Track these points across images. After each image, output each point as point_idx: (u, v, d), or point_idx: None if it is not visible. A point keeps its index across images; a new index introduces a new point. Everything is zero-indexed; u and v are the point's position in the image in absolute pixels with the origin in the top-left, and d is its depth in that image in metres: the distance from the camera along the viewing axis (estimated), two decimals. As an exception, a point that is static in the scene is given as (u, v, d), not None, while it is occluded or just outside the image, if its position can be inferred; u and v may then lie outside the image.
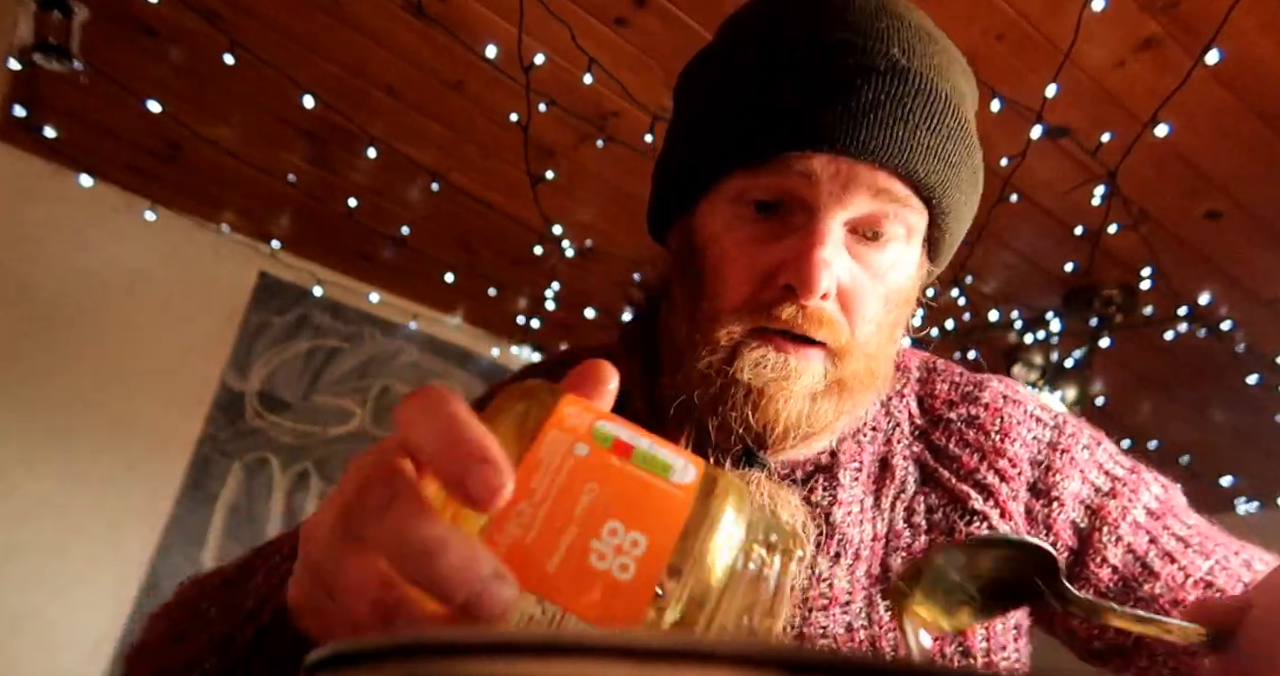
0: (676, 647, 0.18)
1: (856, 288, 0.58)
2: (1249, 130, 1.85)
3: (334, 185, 2.51)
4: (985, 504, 0.64)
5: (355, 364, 3.07)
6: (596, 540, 0.29)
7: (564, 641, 0.19)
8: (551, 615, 0.29)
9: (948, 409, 0.69)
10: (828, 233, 0.56)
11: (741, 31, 0.64)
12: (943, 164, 0.58)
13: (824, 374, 0.58)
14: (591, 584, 0.29)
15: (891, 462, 0.66)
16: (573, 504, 0.30)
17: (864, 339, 0.59)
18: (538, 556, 0.29)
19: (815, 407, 0.58)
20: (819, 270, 0.55)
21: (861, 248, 0.59)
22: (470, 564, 0.28)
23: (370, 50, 1.97)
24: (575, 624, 0.29)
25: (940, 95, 0.58)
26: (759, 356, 0.57)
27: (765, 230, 0.59)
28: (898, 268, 0.60)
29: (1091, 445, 0.68)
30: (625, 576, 0.29)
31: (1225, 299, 2.43)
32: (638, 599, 0.29)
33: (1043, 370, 2.64)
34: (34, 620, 2.45)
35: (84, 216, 2.66)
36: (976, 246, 2.22)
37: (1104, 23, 1.63)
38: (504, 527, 0.30)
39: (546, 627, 0.29)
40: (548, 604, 0.29)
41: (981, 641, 0.60)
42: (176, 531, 2.68)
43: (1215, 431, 3.13)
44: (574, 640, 0.19)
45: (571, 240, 2.58)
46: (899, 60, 0.57)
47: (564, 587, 0.29)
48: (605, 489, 0.30)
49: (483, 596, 0.27)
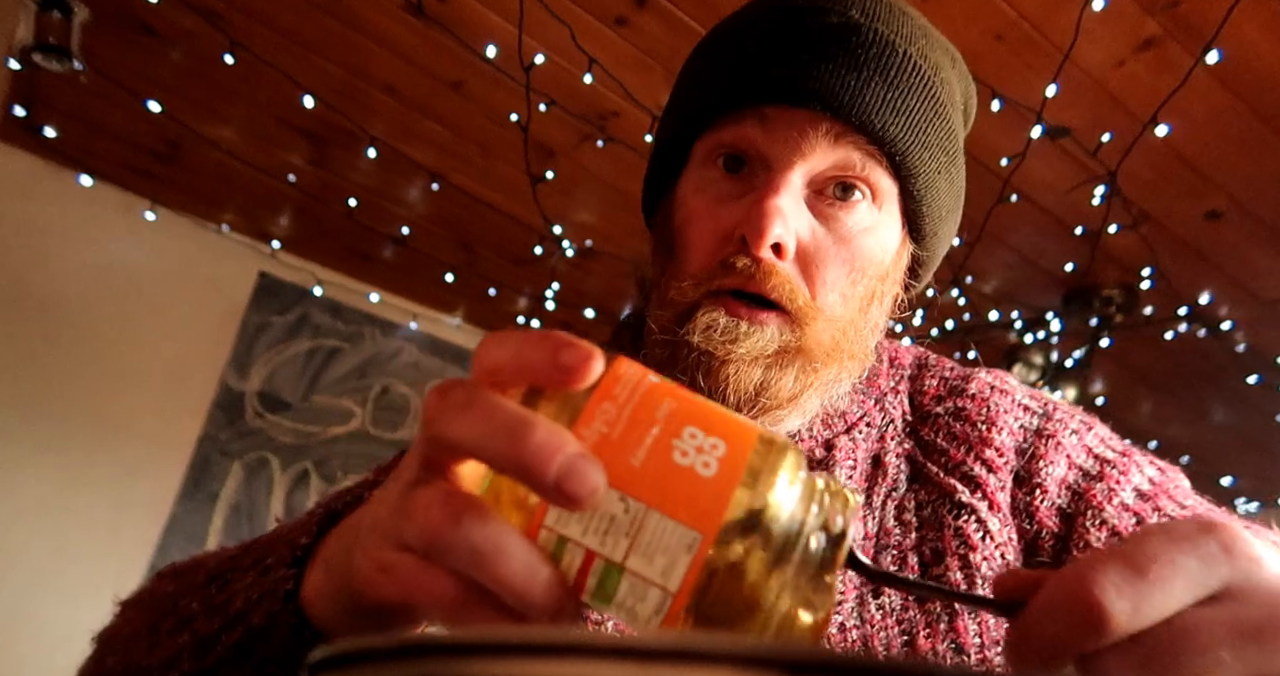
0: (677, 648, 0.18)
1: (817, 249, 0.58)
2: (1249, 130, 1.85)
3: (334, 185, 2.51)
4: (973, 496, 0.63)
5: (355, 364, 3.07)
6: (678, 440, 0.30)
7: (564, 641, 0.19)
8: (634, 514, 0.29)
9: (935, 403, 0.68)
10: (785, 182, 0.56)
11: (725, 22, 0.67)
12: (901, 118, 0.57)
13: (778, 338, 0.58)
14: (675, 478, 0.30)
15: (884, 460, 0.65)
16: (654, 409, 0.31)
17: (826, 305, 0.59)
18: (623, 453, 0.30)
19: (771, 376, 0.58)
20: (770, 217, 0.55)
21: (827, 207, 0.59)
22: (558, 440, 0.29)
23: (370, 50, 1.97)
24: (657, 523, 0.29)
25: (897, 51, 0.58)
26: (710, 319, 0.57)
27: (730, 189, 0.59)
28: (868, 233, 0.59)
29: (1081, 430, 0.67)
30: (708, 472, 0.30)
31: (1225, 299, 2.43)
32: (720, 495, 0.29)
33: (1043, 370, 2.64)
34: (34, 620, 2.45)
35: (84, 216, 2.66)
36: (976, 246, 2.22)
37: (1104, 23, 1.63)
38: (589, 425, 0.30)
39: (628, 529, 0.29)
40: (631, 500, 0.29)
41: (975, 637, 0.60)
42: (176, 531, 2.68)
43: (1215, 431, 3.13)
44: (574, 640, 0.19)
45: (571, 240, 2.58)
46: (855, 18, 0.58)
47: (649, 481, 0.30)
48: (681, 404, 0.32)
49: (573, 472, 0.28)
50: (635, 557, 0.29)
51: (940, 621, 0.60)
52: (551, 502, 0.30)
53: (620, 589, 0.30)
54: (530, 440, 0.29)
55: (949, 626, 0.60)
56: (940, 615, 0.60)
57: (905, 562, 0.62)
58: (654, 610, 0.30)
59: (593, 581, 0.30)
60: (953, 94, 0.63)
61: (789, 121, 0.56)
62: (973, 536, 0.61)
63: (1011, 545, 0.62)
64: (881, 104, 0.57)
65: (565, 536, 0.30)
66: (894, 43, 0.58)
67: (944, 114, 0.61)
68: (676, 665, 0.18)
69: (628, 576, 0.30)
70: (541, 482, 0.29)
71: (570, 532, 0.30)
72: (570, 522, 0.30)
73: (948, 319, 2.68)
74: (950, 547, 0.61)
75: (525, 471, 0.29)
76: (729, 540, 0.29)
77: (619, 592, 0.30)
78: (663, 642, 0.18)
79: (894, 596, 0.60)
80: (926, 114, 0.59)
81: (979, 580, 0.60)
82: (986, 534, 0.61)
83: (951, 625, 0.60)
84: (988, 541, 0.61)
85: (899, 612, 0.60)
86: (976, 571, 0.60)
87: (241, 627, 0.45)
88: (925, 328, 2.66)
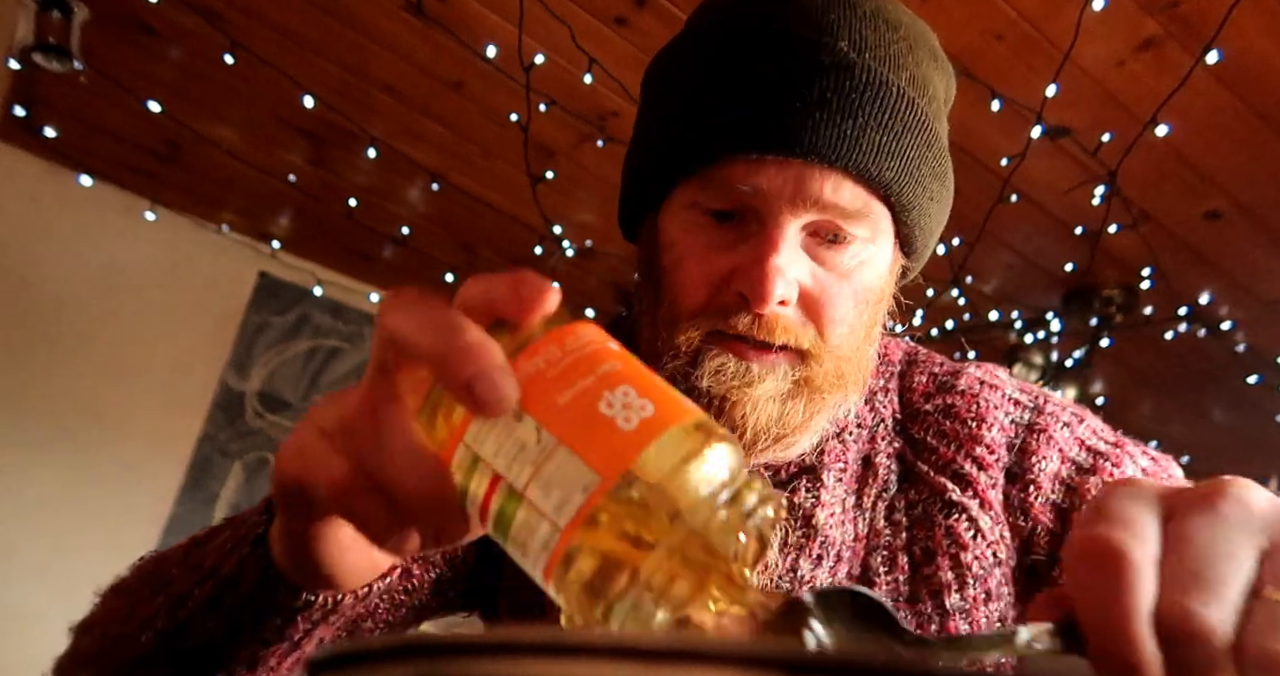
0: (677, 648, 0.18)
1: (821, 290, 0.57)
2: (1249, 130, 1.85)
3: (334, 185, 2.51)
4: (964, 495, 0.62)
5: (355, 364, 3.07)
6: (609, 392, 0.31)
7: (565, 641, 0.19)
8: (545, 445, 0.30)
9: (925, 401, 0.67)
10: (781, 239, 0.54)
11: (698, 26, 0.63)
12: (897, 160, 0.55)
13: (790, 376, 0.57)
14: (594, 423, 0.30)
15: (874, 460, 0.65)
16: (597, 364, 0.32)
17: (835, 341, 0.58)
18: (552, 389, 0.31)
19: (784, 410, 0.57)
20: (771, 280, 0.53)
21: (823, 249, 0.57)
22: (483, 349, 0.30)
23: (370, 50, 1.97)
24: (563, 458, 0.30)
25: (892, 90, 0.55)
26: (718, 364, 0.56)
27: (721, 237, 0.57)
28: (866, 266, 0.58)
29: (1073, 422, 0.66)
30: (627, 426, 0.30)
31: (1225, 299, 2.43)
32: (631, 447, 0.30)
33: (1043, 370, 2.64)
34: (34, 620, 2.45)
35: (84, 216, 2.66)
36: (976, 246, 2.22)
37: (1104, 23, 1.63)
38: (530, 359, 0.32)
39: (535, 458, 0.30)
40: (545, 432, 0.30)
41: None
42: (176, 531, 2.68)
43: (1215, 431, 3.13)
44: (575, 640, 0.19)
45: (571, 240, 2.58)
46: (847, 55, 0.54)
47: (567, 418, 0.30)
48: (628, 369, 0.32)
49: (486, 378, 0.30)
50: (535, 487, 0.30)
51: (932, 622, 0.60)
52: (460, 402, 0.31)
53: (516, 518, 0.30)
54: (457, 340, 0.31)
55: (940, 626, 0.60)
56: (932, 615, 0.60)
57: (896, 563, 0.61)
58: (541, 545, 0.30)
59: (495, 505, 0.31)
60: (939, 106, 0.61)
61: (783, 172, 0.54)
62: (963, 535, 0.61)
63: (1004, 543, 0.62)
64: (878, 151, 0.54)
65: (479, 455, 0.31)
66: (888, 81, 0.55)
67: (936, 143, 0.59)
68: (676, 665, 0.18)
69: (525, 506, 0.30)
70: (456, 380, 0.30)
71: (484, 452, 0.31)
72: (486, 442, 0.31)
73: (948, 319, 2.68)
74: (941, 547, 0.61)
75: (444, 367, 0.30)
76: (626, 496, 0.29)
77: (515, 522, 0.31)
78: (663, 642, 0.18)
79: (885, 597, 0.60)
80: (920, 149, 0.57)
81: (970, 579, 0.60)
82: (977, 532, 0.61)
83: (943, 626, 0.60)
84: (979, 540, 0.61)
85: None
86: (968, 570, 0.60)
87: (213, 580, 0.46)
88: (925, 328, 2.67)
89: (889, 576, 0.61)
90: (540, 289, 0.33)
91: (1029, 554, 0.63)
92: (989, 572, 0.61)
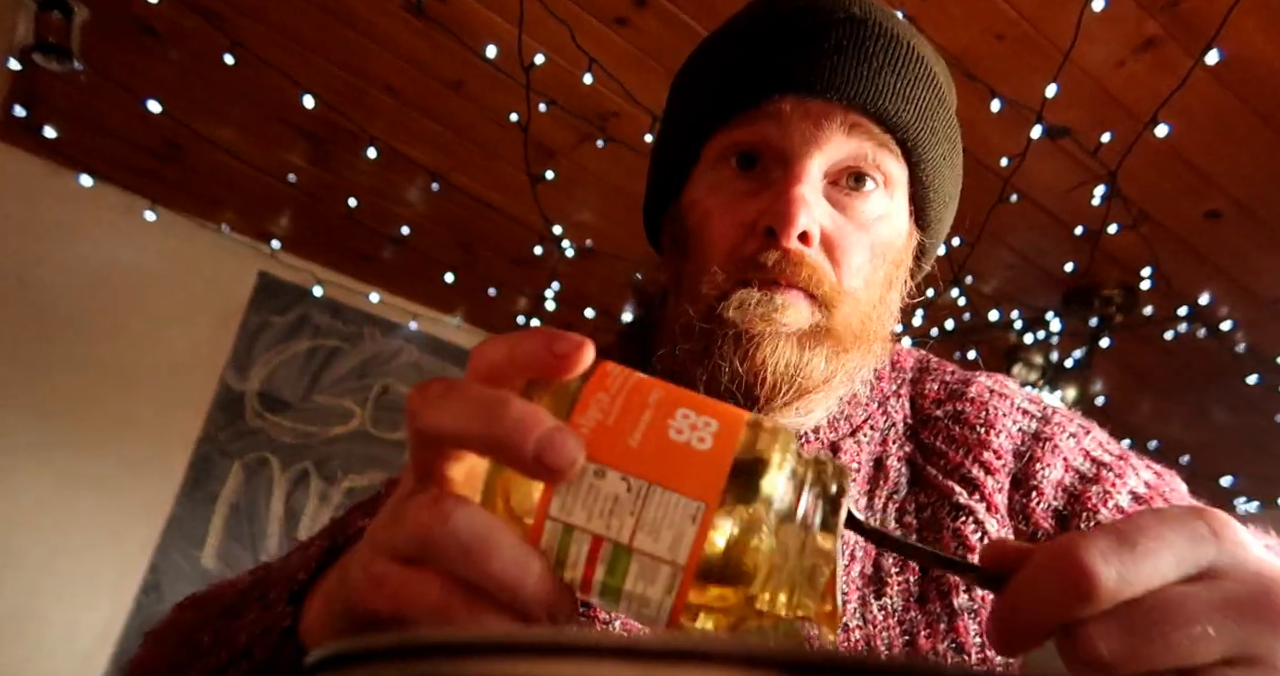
0: (676, 648, 0.18)
1: (840, 235, 0.59)
2: (1249, 130, 1.85)
3: (334, 185, 2.51)
4: (971, 498, 0.63)
5: (355, 364, 3.07)
6: (672, 419, 0.31)
7: (564, 641, 0.19)
8: (637, 491, 0.30)
9: (935, 407, 0.69)
10: (805, 173, 0.57)
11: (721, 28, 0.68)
12: (911, 106, 0.60)
13: (811, 316, 0.59)
14: (673, 453, 0.30)
15: (886, 463, 0.66)
16: (645, 397, 0.32)
17: (851, 290, 0.60)
18: (619, 435, 0.31)
19: (804, 357, 0.58)
20: (797, 206, 0.56)
21: (843, 197, 0.60)
22: (533, 415, 0.30)
23: (370, 50, 1.97)
24: (660, 497, 0.30)
25: (902, 43, 0.60)
26: (743, 296, 0.58)
27: (746, 187, 0.60)
28: (884, 221, 0.61)
29: (1079, 433, 0.68)
30: (704, 446, 0.31)
31: (1225, 299, 2.43)
32: (719, 464, 0.30)
33: (1043, 370, 2.64)
34: (34, 620, 2.45)
35: (84, 216, 2.66)
36: (976, 246, 2.22)
37: (1104, 23, 1.63)
38: (584, 413, 0.31)
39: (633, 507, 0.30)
40: (633, 479, 0.30)
41: (975, 636, 0.60)
42: (176, 531, 2.68)
43: (1215, 431, 3.13)
44: (574, 640, 0.19)
45: (571, 240, 2.58)
46: (856, 13, 0.60)
47: (647, 458, 0.30)
48: (671, 392, 0.33)
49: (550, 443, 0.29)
50: (642, 535, 0.30)
51: (941, 621, 0.60)
52: (533, 477, 0.30)
53: (630, 572, 0.30)
54: (506, 416, 0.30)
55: (949, 626, 0.60)
56: (941, 615, 0.60)
57: (907, 564, 0.63)
58: (665, 590, 0.30)
59: (601, 570, 0.30)
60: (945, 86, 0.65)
61: (804, 113, 0.58)
62: (970, 538, 0.62)
63: None
64: (892, 93, 0.58)
65: (571, 524, 0.30)
66: (898, 35, 0.60)
67: (945, 103, 0.63)
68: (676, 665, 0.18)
69: (636, 557, 0.30)
70: (521, 457, 0.29)
71: (575, 520, 0.30)
72: (575, 510, 0.30)
73: (948, 319, 2.68)
74: (949, 549, 0.62)
75: (504, 447, 0.30)
76: (731, 509, 0.30)
77: (629, 577, 0.30)
78: (663, 642, 0.18)
79: (896, 597, 0.61)
80: (932, 102, 0.61)
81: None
82: (984, 535, 0.62)
83: (952, 625, 0.60)
84: (985, 542, 0.62)
85: (900, 613, 0.61)
86: None
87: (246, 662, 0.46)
88: (925, 328, 2.66)
89: (900, 577, 0.62)
90: (575, 343, 0.32)
91: None
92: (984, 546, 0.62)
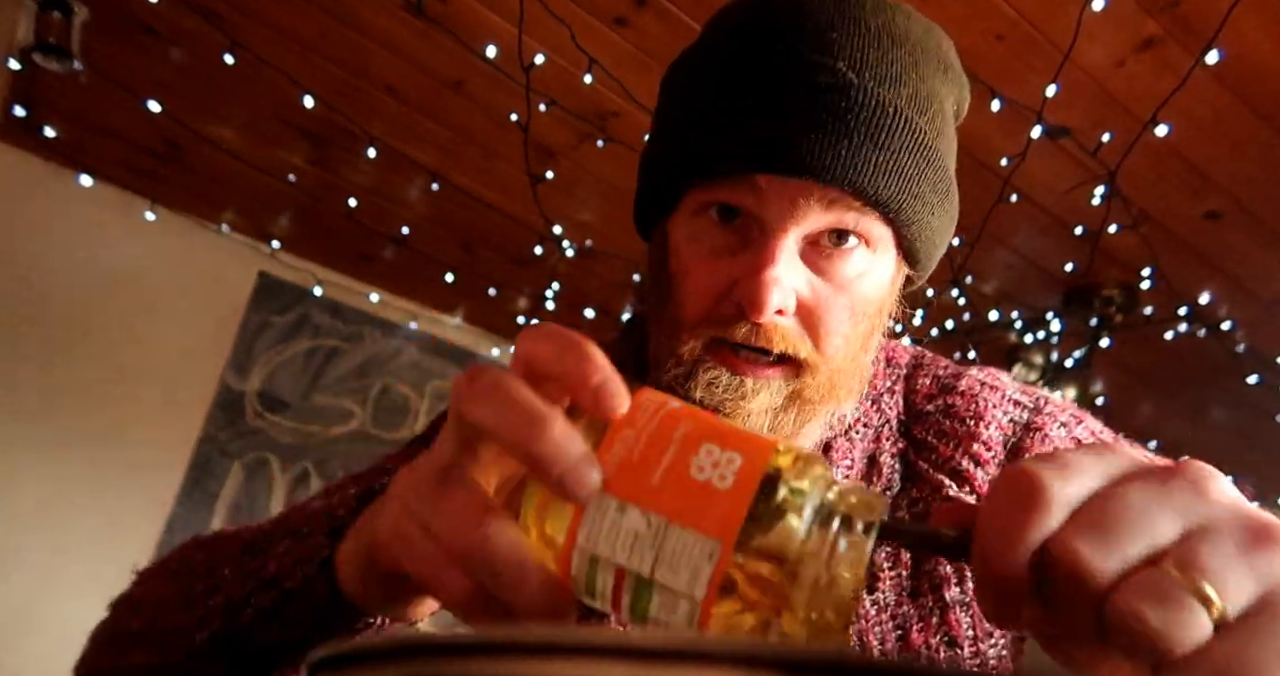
0: (676, 648, 0.18)
1: (819, 301, 0.58)
2: (1249, 130, 1.85)
3: (334, 185, 2.51)
4: (961, 491, 0.63)
5: (355, 364, 3.07)
6: (695, 456, 0.32)
7: (564, 641, 0.19)
8: (656, 528, 0.31)
9: (927, 402, 0.69)
10: (779, 250, 0.55)
11: (712, 37, 0.63)
12: (894, 178, 0.56)
13: (784, 391, 0.58)
14: (693, 492, 0.31)
15: (879, 460, 0.66)
16: (671, 431, 0.33)
17: (831, 352, 0.58)
18: (643, 470, 0.32)
19: (776, 422, 0.58)
20: (767, 290, 0.54)
21: (823, 260, 0.58)
22: (567, 440, 0.32)
23: (370, 50, 1.97)
24: (679, 535, 0.31)
25: (888, 110, 0.56)
26: (712, 377, 0.57)
27: (725, 242, 0.58)
28: (865, 277, 0.59)
29: (1070, 423, 0.67)
30: (724, 485, 0.31)
31: (1225, 299, 2.43)
32: (737, 503, 0.31)
33: (1043, 370, 2.64)
34: (34, 620, 2.45)
35: (84, 216, 2.66)
36: (976, 246, 2.22)
37: (1104, 23, 1.63)
38: (611, 447, 0.33)
39: (653, 543, 0.31)
40: (653, 516, 0.31)
41: (968, 629, 0.61)
42: (176, 531, 2.68)
43: (1215, 431, 3.13)
44: (574, 640, 0.19)
45: (571, 240, 2.58)
46: (845, 75, 0.55)
47: (668, 497, 0.31)
48: (699, 424, 0.33)
49: (575, 471, 0.31)
50: (662, 569, 0.31)
51: (933, 615, 0.61)
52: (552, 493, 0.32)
53: (653, 604, 0.31)
54: (546, 437, 0.32)
55: (941, 620, 0.61)
56: (933, 609, 0.61)
57: (899, 559, 0.63)
58: (686, 620, 0.31)
59: (627, 599, 0.32)
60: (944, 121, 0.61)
61: (781, 190, 0.55)
62: None
63: None
64: (874, 169, 0.55)
65: (596, 555, 0.32)
66: (884, 101, 0.56)
67: (936, 159, 0.59)
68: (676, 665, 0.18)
69: (658, 590, 0.31)
70: (548, 477, 0.32)
71: (600, 551, 0.32)
72: (600, 542, 0.32)
73: (948, 319, 2.68)
74: None
75: (536, 464, 0.32)
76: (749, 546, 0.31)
77: (653, 608, 0.31)
78: (663, 642, 0.18)
79: (888, 591, 0.62)
80: (920, 167, 0.57)
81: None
82: None
83: (944, 619, 0.61)
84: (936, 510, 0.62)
85: (892, 607, 0.61)
86: None
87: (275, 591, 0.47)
88: (925, 327, 2.66)
89: (893, 572, 0.62)
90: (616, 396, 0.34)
91: None
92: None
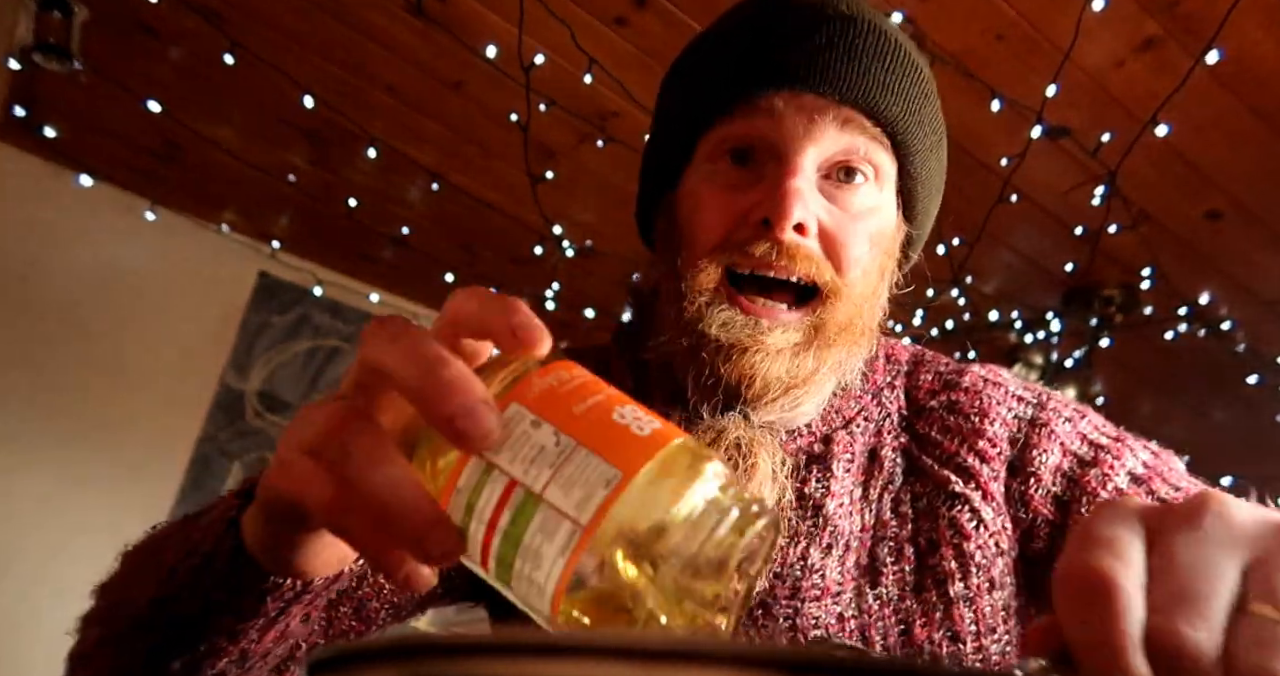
0: (677, 648, 0.18)
1: (838, 227, 0.60)
2: (1249, 130, 1.85)
3: (334, 185, 2.51)
4: (966, 486, 0.64)
5: (355, 364, 3.07)
6: (619, 408, 0.33)
7: (564, 641, 0.19)
8: (564, 447, 0.31)
9: (930, 398, 0.69)
10: (799, 166, 0.59)
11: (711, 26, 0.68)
12: (900, 99, 0.61)
13: (801, 329, 0.59)
14: (611, 427, 0.32)
15: (880, 454, 0.66)
16: (601, 388, 0.34)
17: (852, 279, 0.60)
18: (568, 401, 0.32)
19: (795, 363, 0.59)
20: (793, 198, 0.57)
21: (835, 190, 0.61)
22: (466, 383, 0.31)
23: (370, 50, 1.97)
24: (584, 458, 0.31)
25: (890, 40, 0.61)
26: (726, 316, 0.59)
27: (740, 178, 0.61)
28: (875, 211, 0.62)
29: (1075, 417, 0.68)
30: (641, 432, 0.32)
31: (1225, 299, 2.43)
32: (650, 446, 0.31)
33: (1043, 370, 2.64)
34: (34, 620, 2.45)
35: (84, 216, 2.66)
36: (976, 246, 2.22)
37: (1104, 23, 1.63)
38: (544, 377, 0.33)
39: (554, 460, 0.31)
40: (564, 436, 0.31)
41: (970, 624, 0.60)
42: (176, 531, 2.68)
43: (1215, 431, 3.13)
44: (574, 640, 0.19)
45: (571, 240, 2.58)
46: (845, 10, 0.61)
47: (585, 424, 0.32)
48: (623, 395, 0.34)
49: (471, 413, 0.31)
50: (554, 488, 0.30)
51: (936, 610, 0.61)
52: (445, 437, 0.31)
53: (531, 524, 0.31)
54: (439, 376, 0.31)
55: (945, 615, 0.61)
56: (936, 604, 0.61)
57: (902, 553, 0.63)
58: (560, 548, 0.30)
59: (506, 517, 0.31)
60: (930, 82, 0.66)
61: (798, 107, 0.58)
62: (966, 526, 0.62)
63: (1005, 533, 0.63)
64: (881, 88, 0.60)
65: (493, 463, 0.31)
66: (888, 33, 0.61)
67: (932, 96, 0.64)
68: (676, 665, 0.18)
69: (542, 508, 0.30)
70: (438, 416, 0.31)
71: (499, 459, 0.31)
72: (502, 449, 0.31)
73: (948, 319, 2.68)
74: (945, 537, 0.62)
75: (426, 403, 0.31)
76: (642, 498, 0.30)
77: (529, 529, 0.31)
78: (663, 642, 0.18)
79: (891, 586, 0.62)
80: (918, 96, 0.62)
81: (973, 568, 0.61)
82: (980, 522, 0.62)
83: (948, 614, 0.61)
84: (981, 530, 0.62)
85: (896, 602, 0.61)
86: (970, 559, 0.62)
87: (196, 556, 0.48)
88: (925, 327, 2.66)
89: (895, 566, 0.62)
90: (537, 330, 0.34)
91: (1030, 544, 0.64)
92: (991, 562, 0.62)
